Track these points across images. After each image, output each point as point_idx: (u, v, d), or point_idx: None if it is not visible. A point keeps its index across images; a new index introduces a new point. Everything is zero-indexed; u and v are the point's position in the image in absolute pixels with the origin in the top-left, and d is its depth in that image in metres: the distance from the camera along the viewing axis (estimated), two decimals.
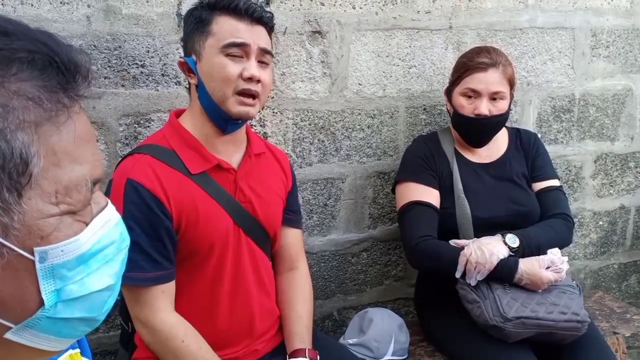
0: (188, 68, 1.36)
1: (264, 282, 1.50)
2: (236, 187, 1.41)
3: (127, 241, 0.64)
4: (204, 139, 1.38)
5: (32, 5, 1.56)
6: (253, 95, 1.33)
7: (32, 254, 0.51)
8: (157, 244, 1.29)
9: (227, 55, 1.30)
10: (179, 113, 1.45)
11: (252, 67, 1.31)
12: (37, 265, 0.51)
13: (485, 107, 1.76)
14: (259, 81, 1.32)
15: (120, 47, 1.67)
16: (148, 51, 1.71)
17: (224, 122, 1.36)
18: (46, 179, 0.50)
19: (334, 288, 2.16)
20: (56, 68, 0.52)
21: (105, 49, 1.65)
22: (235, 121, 1.36)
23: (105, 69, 1.66)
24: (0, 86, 0.48)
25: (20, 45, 0.50)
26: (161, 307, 1.31)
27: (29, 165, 0.49)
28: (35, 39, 0.51)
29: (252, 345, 1.48)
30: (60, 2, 1.58)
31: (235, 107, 1.32)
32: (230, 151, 1.43)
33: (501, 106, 1.78)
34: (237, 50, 1.31)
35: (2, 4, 1.53)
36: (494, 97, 1.76)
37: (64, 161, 0.52)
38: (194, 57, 1.34)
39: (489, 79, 1.75)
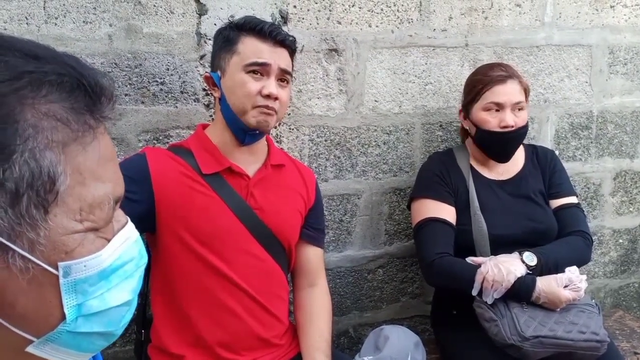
0: (213, 82, 1.45)
1: (272, 290, 1.50)
2: (248, 192, 1.45)
3: (145, 258, 0.65)
4: (222, 146, 1.46)
5: (55, 24, 1.60)
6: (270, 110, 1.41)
7: (57, 268, 0.52)
8: None
9: (249, 72, 1.38)
10: (205, 126, 1.53)
11: (271, 86, 1.38)
12: (61, 280, 0.52)
13: (510, 118, 1.76)
14: (276, 98, 1.40)
15: (140, 65, 1.70)
16: (168, 69, 1.74)
17: (243, 133, 1.43)
18: (71, 196, 0.52)
19: (349, 304, 2.16)
20: (84, 91, 0.53)
21: (126, 67, 1.69)
22: (253, 132, 1.42)
23: (126, 86, 1.70)
24: (31, 107, 0.49)
25: (50, 68, 0.51)
26: None
27: (56, 183, 0.50)
28: (64, 62, 0.53)
29: (254, 353, 1.46)
30: (83, 22, 1.62)
31: (253, 118, 1.39)
32: (248, 161, 1.48)
33: (523, 116, 1.79)
34: (259, 68, 1.38)
35: (27, 23, 1.57)
36: (515, 107, 1.77)
37: (89, 180, 0.53)
38: (218, 72, 1.43)
39: (509, 90, 1.76)
